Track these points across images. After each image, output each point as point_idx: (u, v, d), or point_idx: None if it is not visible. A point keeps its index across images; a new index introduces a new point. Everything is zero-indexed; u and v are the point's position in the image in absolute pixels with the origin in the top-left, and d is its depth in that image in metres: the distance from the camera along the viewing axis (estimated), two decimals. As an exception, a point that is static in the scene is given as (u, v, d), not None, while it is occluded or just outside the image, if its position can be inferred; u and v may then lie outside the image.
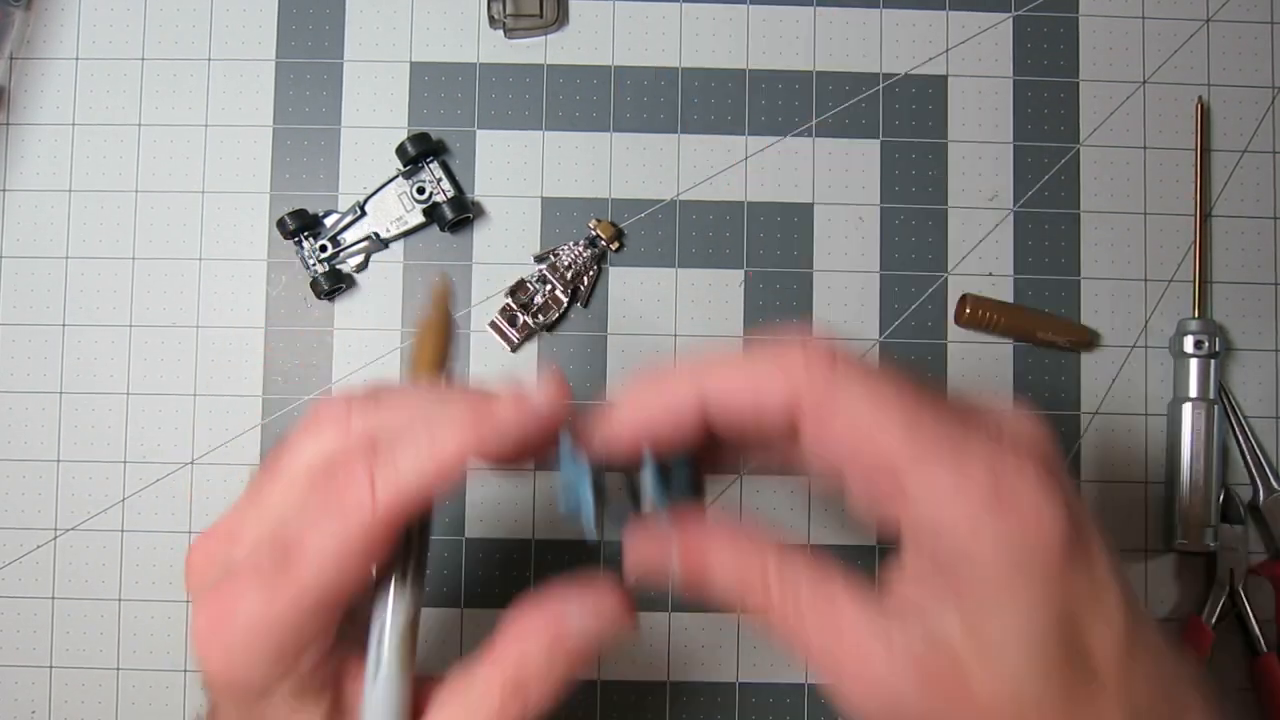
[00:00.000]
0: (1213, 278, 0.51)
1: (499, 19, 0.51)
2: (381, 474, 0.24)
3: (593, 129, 0.51)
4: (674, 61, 0.52)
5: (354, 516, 0.24)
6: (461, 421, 0.25)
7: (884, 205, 0.51)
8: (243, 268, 0.51)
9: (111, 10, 0.51)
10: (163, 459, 0.50)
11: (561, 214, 0.51)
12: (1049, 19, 0.52)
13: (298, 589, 0.24)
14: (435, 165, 0.50)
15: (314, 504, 0.25)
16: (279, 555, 0.24)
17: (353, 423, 0.26)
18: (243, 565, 0.25)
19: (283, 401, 0.50)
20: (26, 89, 0.51)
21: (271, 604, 0.24)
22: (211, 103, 0.51)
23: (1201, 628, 0.49)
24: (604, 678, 0.49)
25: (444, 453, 0.25)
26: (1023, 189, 0.52)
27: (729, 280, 0.51)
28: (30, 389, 0.50)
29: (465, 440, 0.25)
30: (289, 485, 0.26)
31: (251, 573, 0.25)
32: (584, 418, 0.28)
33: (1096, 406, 0.51)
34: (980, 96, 0.52)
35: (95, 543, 0.50)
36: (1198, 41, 0.52)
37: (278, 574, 0.24)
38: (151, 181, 0.51)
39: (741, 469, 0.50)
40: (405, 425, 0.25)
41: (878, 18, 0.52)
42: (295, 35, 0.51)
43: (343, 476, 0.24)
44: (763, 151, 0.51)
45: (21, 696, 0.49)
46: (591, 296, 0.51)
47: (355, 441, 0.25)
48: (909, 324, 0.51)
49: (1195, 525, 0.49)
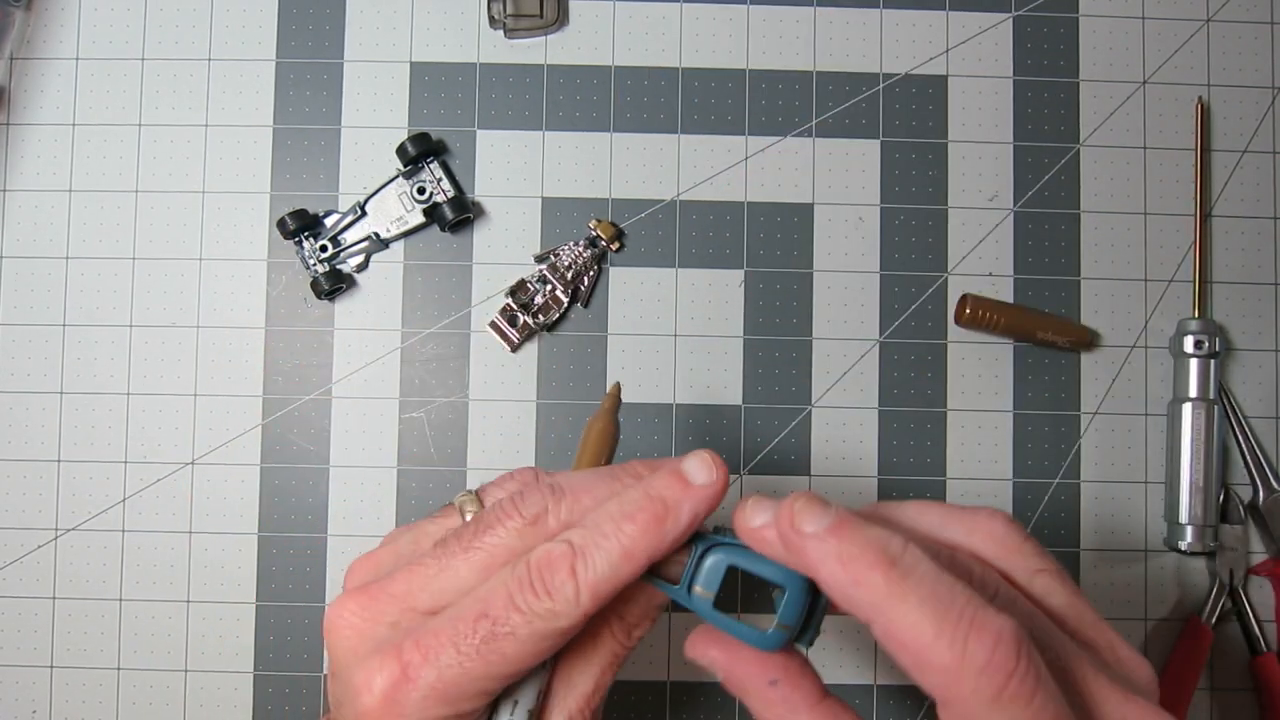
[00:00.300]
0: (1213, 278, 0.51)
1: (499, 19, 0.51)
2: (583, 574, 0.27)
3: (593, 129, 0.51)
4: (674, 61, 0.52)
5: (563, 613, 0.27)
6: (647, 525, 0.28)
7: (884, 205, 0.51)
8: (243, 268, 0.51)
9: (111, 10, 0.51)
10: (163, 459, 0.50)
11: (561, 214, 0.51)
12: (1049, 19, 0.52)
13: (493, 665, 0.27)
14: (435, 165, 0.50)
15: (526, 597, 0.27)
16: (485, 633, 0.27)
17: (548, 520, 0.29)
18: (442, 632, 0.27)
19: (283, 401, 0.50)
20: (26, 89, 0.51)
21: (465, 673, 0.27)
22: (211, 103, 0.51)
23: (1201, 628, 0.49)
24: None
25: (635, 559, 0.27)
26: (1023, 189, 0.52)
27: (729, 280, 0.51)
28: (30, 389, 0.50)
29: (653, 544, 0.27)
30: (483, 568, 0.29)
31: (451, 642, 0.27)
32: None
33: (1096, 406, 0.51)
34: (980, 96, 0.52)
35: (96, 543, 0.50)
36: (1198, 41, 0.52)
37: (481, 648, 0.27)
38: (151, 181, 0.51)
39: (742, 470, 0.50)
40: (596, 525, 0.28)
41: (878, 18, 0.52)
42: (295, 35, 0.51)
43: (550, 576, 0.27)
44: (763, 151, 0.51)
45: (22, 696, 0.49)
46: (592, 296, 0.51)
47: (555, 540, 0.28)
48: (909, 324, 0.51)
49: (1195, 525, 0.49)
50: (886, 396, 0.51)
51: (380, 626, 0.29)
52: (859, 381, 0.51)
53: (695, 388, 0.50)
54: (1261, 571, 0.50)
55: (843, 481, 0.50)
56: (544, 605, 0.27)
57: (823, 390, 0.51)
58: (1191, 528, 0.49)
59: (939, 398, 0.51)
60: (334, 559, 0.50)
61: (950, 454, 0.51)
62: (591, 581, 0.27)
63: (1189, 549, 0.49)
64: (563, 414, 0.50)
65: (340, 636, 0.29)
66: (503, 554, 0.29)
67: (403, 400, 0.50)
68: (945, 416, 0.51)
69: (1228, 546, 0.50)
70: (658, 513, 0.28)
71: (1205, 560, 0.50)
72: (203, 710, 0.49)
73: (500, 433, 0.50)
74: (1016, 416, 0.51)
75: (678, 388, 0.50)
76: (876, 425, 0.51)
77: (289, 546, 0.50)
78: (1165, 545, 0.50)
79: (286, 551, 0.50)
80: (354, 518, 0.50)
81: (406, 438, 0.50)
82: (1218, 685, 0.50)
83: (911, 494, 0.50)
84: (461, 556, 0.29)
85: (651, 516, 0.28)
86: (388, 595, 0.29)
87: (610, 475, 0.30)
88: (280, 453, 0.50)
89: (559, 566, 0.27)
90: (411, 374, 0.50)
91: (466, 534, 0.29)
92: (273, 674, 0.49)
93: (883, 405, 0.51)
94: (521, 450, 0.50)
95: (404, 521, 0.50)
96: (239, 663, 0.49)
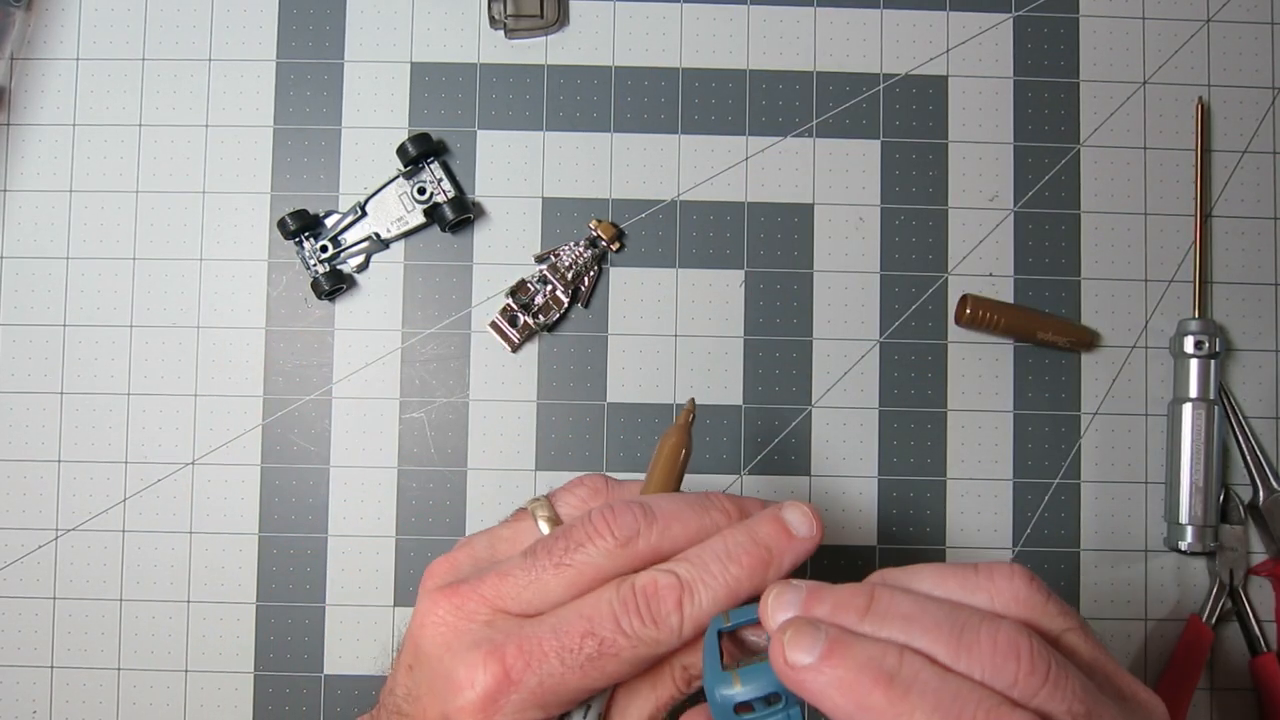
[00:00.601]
0: (1213, 278, 0.51)
1: (499, 19, 0.51)
2: (688, 608, 0.28)
3: (593, 129, 0.51)
4: (674, 61, 0.52)
5: (665, 642, 0.28)
6: (753, 570, 0.29)
7: (884, 205, 0.51)
8: (243, 268, 0.51)
9: (112, 10, 0.51)
10: (163, 459, 0.50)
11: (562, 214, 0.51)
12: (1049, 19, 0.52)
13: (592, 680, 0.28)
14: (436, 165, 0.50)
15: (633, 622, 0.28)
16: (591, 651, 0.28)
17: (639, 544, 0.30)
18: (546, 641, 0.29)
19: (283, 402, 0.50)
20: (27, 89, 0.51)
21: (564, 683, 0.28)
22: (212, 103, 0.51)
23: (1201, 628, 0.49)
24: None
25: (737, 599, 0.29)
26: (1023, 189, 0.52)
27: (729, 280, 0.51)
28: (31, 389, 0.50)
29: (755, 587, 0.29)
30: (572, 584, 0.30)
31: (556, 653, 0.28)
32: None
33: (1096, 406, 0.51)
34: (980, 97, 0.52)
35: (96, 543, 0.50)
36: (1198, 42, 0.52)
37: (585, 664, 0.28)
38: (152, 182, 0.51)
39: (742, 470, 0.50)
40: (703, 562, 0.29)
41: (878, 18, 0.52)
42: (295, 35, 0.51)
43: (658, 606, 0.29)
44: (763, 151, 0.51)
45: (23, 696, 0.49)
46: (592, 297, 0.51)
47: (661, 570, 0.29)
48: (909, 324, 0.51)
49: (1195, 525, 0.49)
50: (886, 396, 0.51)
51: (475, 624, 0.30)
52: (859, 381, 0.51)
53: (695, 388, 0.50)
54: (1261, 571, 0.50)
55: (843, 481, 0.50)
56: (649, 633, 0.28)
57: (823, 390, 0.51)
58: (1191, 528, 0.49)
59: (939, 398, 0.51)
60: (334, 559, 0.50)
61: (950, 454, 0.51)
62: (695, 616, 0.28)
63: (1189, 549, 0.49)
64: (563, 414, 0.50)
65: (435, 631, 0.30)
66: (592, 573, 0.30)
67: (403, 400, 0.50)
68: (945, 416, 0.51)
69: (1228, 546, 0.50)
70: (763, 558, 0.29)
71: (1205, 560, 0.50)
72: (203, 710, 0.49)
73: (500, 433, 0.50)
74: (1016, 416, 0.51)
75: (678, 388, 0.50)
76: (876, 425, 0.51)
77: (289, 546, 0.50)
78: (1165, 545, 0.50)
79: (287, 551, 0.50)
80: (354, 518, 0.50)
81: (407, 438, 0.50)
82: (1218, 685, 0.50)
83: (912, 494, 0.50)
84: (552, 571, 0.30)
85: (758, 561, 0.29)
86: (479, 595, 0.30)
87: (700, 506, 0.31)
88: (280, 453, 0.50)
89: (666, 598, 0.28)
90: (412, 374, 0.50)
91: (558, 548, 0.30)
92: (273, 674, 0.49)
93: (883, 405, 0.51)
94: (522, 451, 0.50)
95: (404, 523, 0.50)
96: (239, 663, 0.49)
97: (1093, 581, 0.50)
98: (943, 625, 0.25)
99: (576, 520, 0.31)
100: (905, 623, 0.25)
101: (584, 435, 0.50)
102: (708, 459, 0.50)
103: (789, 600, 0.27)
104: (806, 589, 0.27)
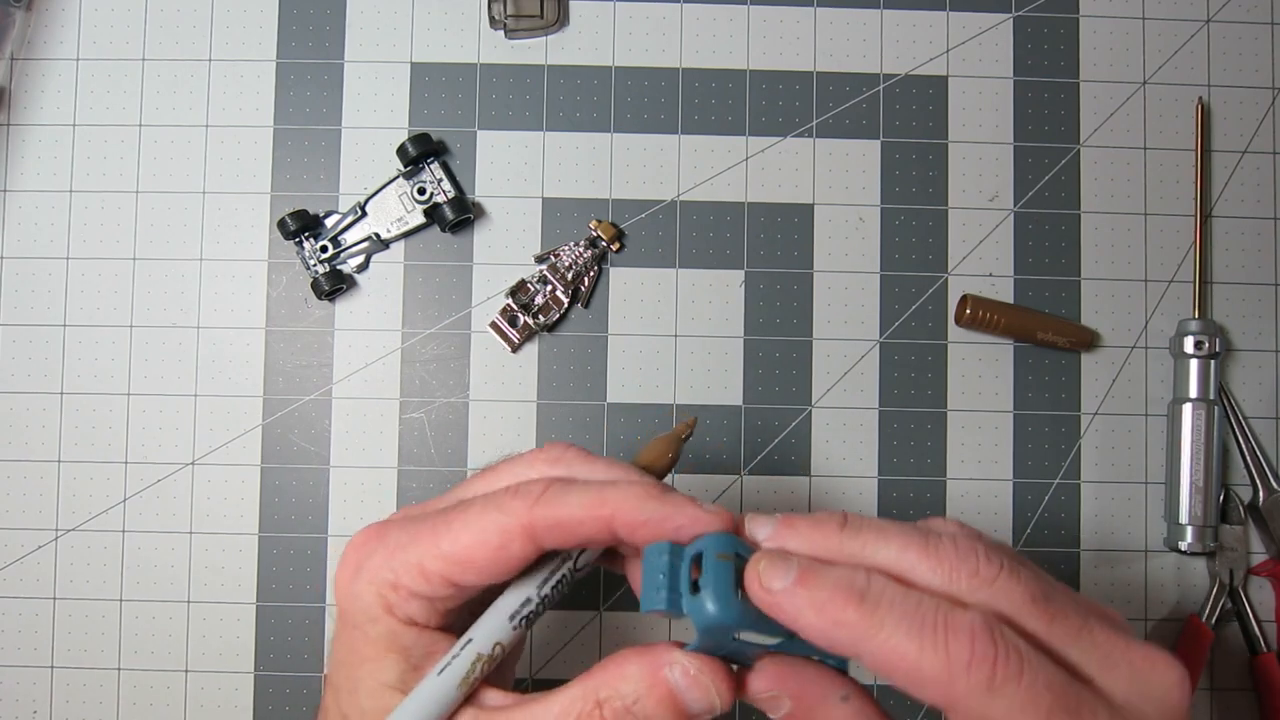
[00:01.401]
0: (1213, 278, 0.51)
1: (499, 19, 0.51)
2: (548, 497, 0.28)
3: (593, 129, 0.51)
4: (674, 61, 0.52)
5: (509, 512, 0.28)
6: (631, 494, 0.28)
7: (884, 205, 0.51)
8: (243, 268, 0.51)
9: (112, 11, 0.51)
10: (163, 459, 0.50)
11: (562, 214, 0.51)
12: (1049, 19, 0.52)
13: (438, 535, 0.28)
14: (436, 166, 0.50)
15: (497, 491, 0.29)
16: (446, 510, 0.29)
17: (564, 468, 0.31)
18: (415, 509, 0.30)
19: (283, 402, 0.50)
20: (27, 89, 0.51)
21: (413, 540, 0.29)
22: (212, 103, 0.51)
23: (1201, 628, 0.49)
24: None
25: (602, 511, 0.28)
26: (1023, 189, 0.52)
27: (729, 280, 0.51)
28: (31, 389, 0.50)
29: (625, 514, 0.28)
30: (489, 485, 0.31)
31: (415, 515, 0.30)
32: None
33: (1096, 407, 0.51)
34: (980, 97, 0.52)
35: (96, 543, 0.50)
36: (1198, 42, 0.52)
37: (434, 519, 0.29)
38: (152, 182, 0.51)
39: (742, 470, 0.50)
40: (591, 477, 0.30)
41: (878, 18, 0.52)
42: (296, 36, 0.51)
43: (526, 485, 0.29)
44: (763, 151, 0.51)
45: (23, 696, 0.49)
46: (592, 297, 0.51)
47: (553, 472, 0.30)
48: (909, 324, 0.51)
49: (1195, 525, 0.49)
50: (886, 396, 0.51)
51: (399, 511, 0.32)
52: (859, 381, 0.51)
53: (695, 388, 0.50)
54: (1261, 572, 0.50)
55: (843, 481, 0.50)
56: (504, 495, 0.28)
57: (823, 390, 0.51)
58: (1191, 528, 0.49)
59: (939, 398, 0.51)
60: (334, 559, 0.50)
61: (950, 454, 0.51)
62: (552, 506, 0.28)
63: (1189, 549, 0.49)
64: (563, 414, 0.50)
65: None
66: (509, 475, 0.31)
67: (403, 400, 0.50)
68: (945, 416, 0.51)
69: (1228, 547, 0.50)
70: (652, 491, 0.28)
71: (1205, 560, 0.50)
72: (203, 710, 0.49)
73: (501, 433, 0.50)
74: (1016, 417, 0.51)
75: (678, 388, 0.50)
76: (876, 425, 0.51)
77: (289, 547, 0.50)
78: (1165, 545, 0.50)
79: (287, 552, 0.50)
80: (354, 518, 0.50)
81: (407, 438, 0.50)
82: (1218, 685, 0.50)
83: (912, 494, 0.50)
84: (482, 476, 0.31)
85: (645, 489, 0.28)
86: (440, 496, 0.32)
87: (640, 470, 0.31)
88: (280, 453, 0.50)
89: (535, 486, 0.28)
90: (412, 374, 0.50)
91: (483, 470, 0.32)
92: (273, 674, 0.49)
93: (883, 405, 0.51)
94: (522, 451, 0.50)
95: (404, 521, 0.50)
96: (239, 663, 0.49)
97: (1093, 581, 0.50)
98: (911, 534, 0.27)
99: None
100: (878, 533, 0.27)
101: (584, 435, 0.50)
102: (708, 459, 0.50)
103: (763, 521, 0.28)
104: (779, 516, 0.28)
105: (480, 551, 0.28)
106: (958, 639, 0.24)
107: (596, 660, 0.28)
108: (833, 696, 0.28)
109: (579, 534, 0.28)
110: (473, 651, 0.28)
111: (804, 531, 0.28)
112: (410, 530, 0.29)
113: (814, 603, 0.26)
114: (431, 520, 0.29)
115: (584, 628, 0.49)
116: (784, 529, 0.28)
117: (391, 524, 0.30)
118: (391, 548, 0.29)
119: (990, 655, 0.24)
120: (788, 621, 0.26)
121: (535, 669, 0.49)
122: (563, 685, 0.28)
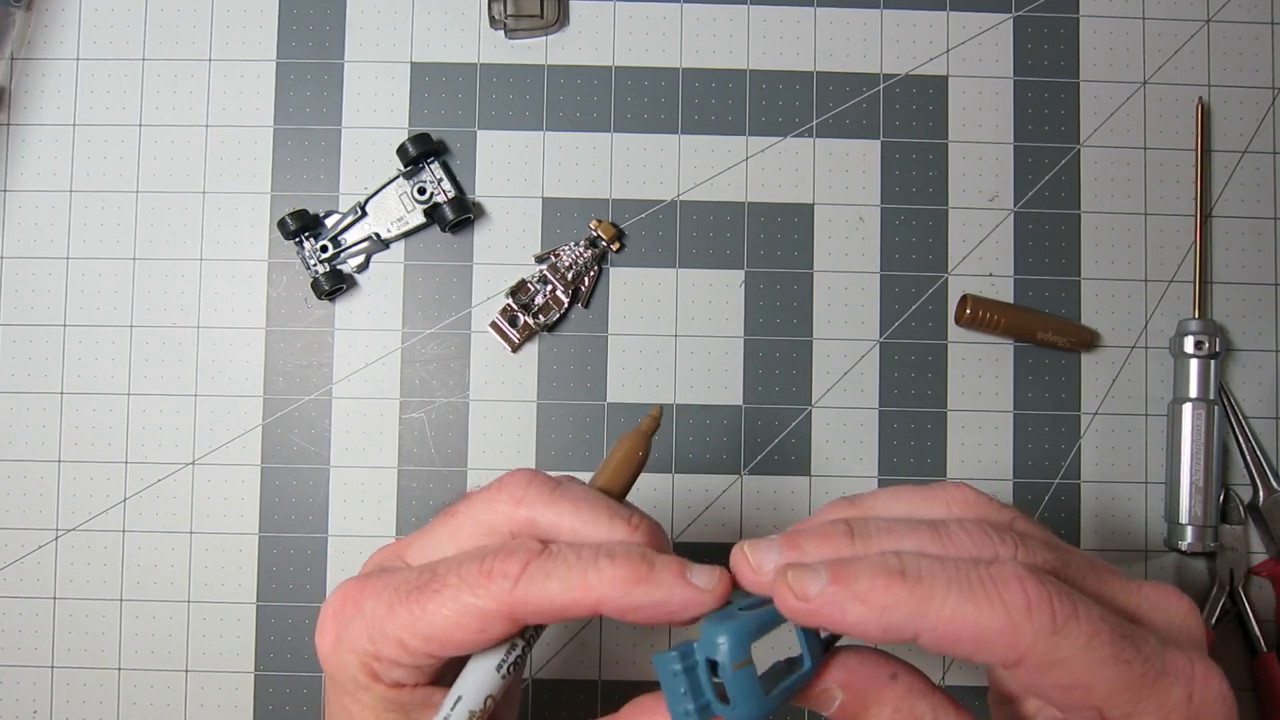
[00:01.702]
0: (1213, 278, 0.51)
1: (499, 19, 0.51)
2: (527, 582, 0.27)
3: (593, 129, 0.51)
4: (674, 61, 0.52)
5: (491, 594, 0.27)
6: (617, 580, 0.27)
7: (884, 205, 0.51)
8: (243, 268, 0.51)
9: (112, 10, 0.51)
10: (163, 459, 0.50)
11: (562, 214, 0.51)
12: (1049, 19, 0.52)
13: (415, 615, 0.28)
14: (436, 166, 0.50)
15: (469, 567, 0.28)
16: (421, 584, 0.28)
17: (526, 510, 0.29)
18: (390, 575, 0.29)
19: (283, 402, 0.50)
20: (27, 89, 0.51)
21: (390, 613, 0.28)
22: (212, 103, 0.51)
23: (1201, 628, 0.49)
24: (605, 678, 0.49)
25: (588, 598, 0.27)
26: (1023, 189, 0.52)
27: (729, 280, 0.51)
28: (31, 389, 0.50)
29: (613, 600, 0.27)
30: (453, 535, 0.30)
31: (391, 584, 0.28)
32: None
33: (1096, 406, 0.51)
34: (980, 97, 0.52)
35: (96, 543, 0.50)
36: (1198, 42, 0.52)
37: (409, 594, 0.28)
38: (152, 182, 0.51)
39: (743, 470, 0.50)
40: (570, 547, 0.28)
41: (878, 18, 0.52)
42: (296, 35, 0.51)
43: (501, 563, 0.27)
44: (763, 151, 0.51)
45: (23, 696, 0.49)
46: (592, 297, 0.51)
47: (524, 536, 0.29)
48: (909, 324, 0.51)
49: (1195, 525, 0.49)
50: (886, 396, 0.51)
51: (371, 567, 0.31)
52: (859, 381, 0.51)
53: (695, 388, 0.50)
54: (1261, 572, 0.50)
55: (843, 482, 0.50)
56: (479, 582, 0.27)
57: (823, 390, 0.51)
58: (1191, 528, 0.49)
59: (939, 398, 0.51)
60: (334, 559, 0.50)
61: (950, 454, 0.51)
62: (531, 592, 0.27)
63: (1189, 549, 0.49)
64: (563, 414, 0.50)
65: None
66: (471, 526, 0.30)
67: (403, 400, 0.50)
68: (945, 416, 0.51)
69: (1228, 547, 0.50)
70: (639, 575, 0.27)
71: (1205, 560, 0.50)
72: (203, 710, 0.49)
73: (501, 433, 0.50)
74: (1016, 416, 0.51)
75: (678, 388, 0.50)
76: (876, 425, 0.51)
77: (289, 547, 0.50)
78: (1165, 545, 0.50)
79: (287, 552, 0.50)
80: (354, 518, 0.50)
81: (407, 438, 0.50)
82: (1218, 685, 0.50)
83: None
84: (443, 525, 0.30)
85: (631, 574, 0.27)
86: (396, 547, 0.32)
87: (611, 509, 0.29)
88: (280, 453, 0.50)
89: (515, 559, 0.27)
90: (412, 374, 0.50)
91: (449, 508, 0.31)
92: (273, 674, 0.49)
93: (883, 405, 0.51)
94: (522, 450, 0.50)
95: (404, 523, 0.50)
96: (239, 663, 0.49)
97: (1093, 581, 0.50)
98: (919, 527, 0.27)
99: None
100: (887, 533, 0.27)
101: (584, 435, 0.50)
102: (708, 459, 0.50)
103: (765, 546, 0.27)
104: (779, 537, 0.27)
105: (459, 634, 0.27)
106: (1009, 589, 0.24)
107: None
108: (881, 677, 0.27)
109: (563, 616, 0.27)
110: (464, 710, 0.28)
111: (813, 549, 0.27)
112: (386, 601, 0.28)
113: (857, 594, 0.25)
114: (405, 598, 0.28)
115: (584, 628, 0.49)
116: (790, 551, 0.27)
117: (367, 588, 0.29)
118: (369, 619, 0.28)
119: (1045, 596, 0.24)
120: (834, 624, 0.25)
121: (535, 669, 0.49)
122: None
